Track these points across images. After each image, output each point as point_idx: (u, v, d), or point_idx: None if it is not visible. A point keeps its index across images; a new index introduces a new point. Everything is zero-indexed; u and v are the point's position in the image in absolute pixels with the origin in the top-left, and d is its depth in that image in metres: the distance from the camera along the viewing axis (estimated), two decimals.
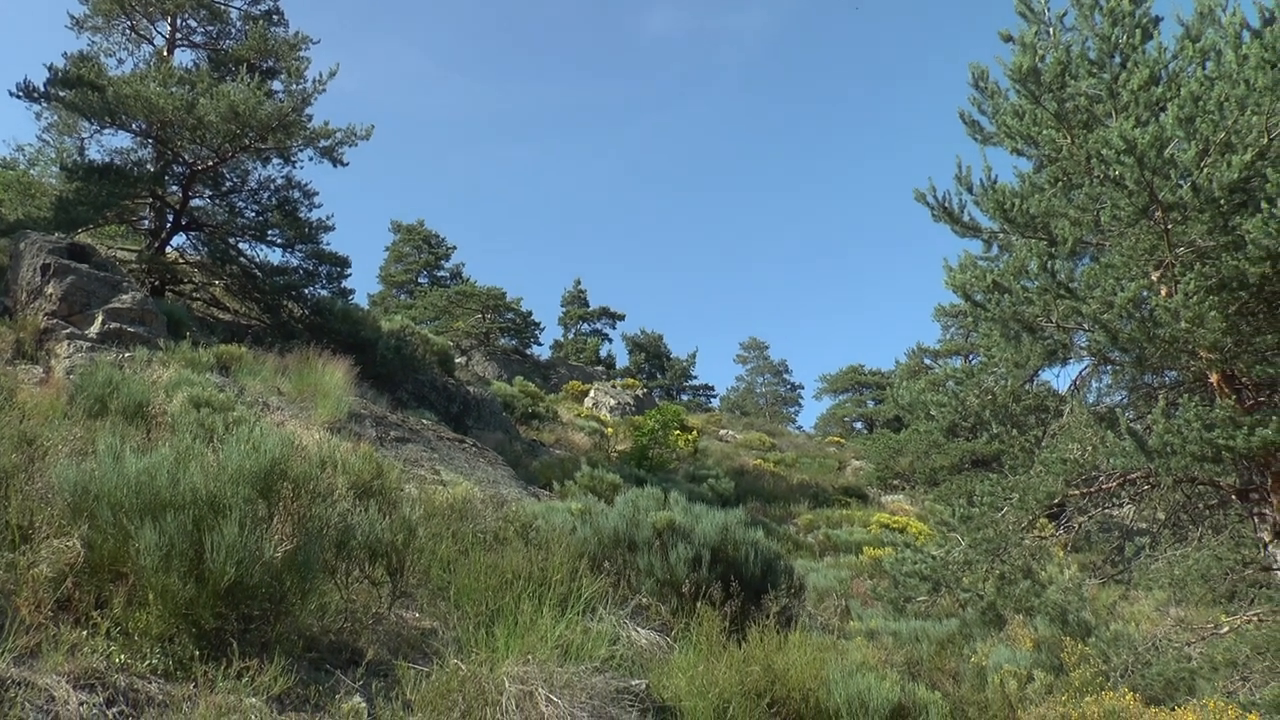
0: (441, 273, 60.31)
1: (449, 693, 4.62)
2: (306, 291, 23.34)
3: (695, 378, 70.41)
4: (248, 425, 8.17)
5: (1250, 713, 7.36)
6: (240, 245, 22.91)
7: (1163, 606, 12.54)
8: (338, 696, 4.79)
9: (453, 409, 23.94)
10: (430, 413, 20.44)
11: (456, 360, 33.25)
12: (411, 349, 24.63)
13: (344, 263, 24.23)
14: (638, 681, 5.73)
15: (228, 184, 23.22)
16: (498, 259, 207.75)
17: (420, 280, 59.53)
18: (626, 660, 6.25)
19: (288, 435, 6.64)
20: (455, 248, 61.02)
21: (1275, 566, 9.06)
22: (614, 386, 45.70)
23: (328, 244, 24.06)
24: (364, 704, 4.76)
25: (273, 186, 23.43)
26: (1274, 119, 8.15)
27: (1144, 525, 12.34)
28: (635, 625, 7.67)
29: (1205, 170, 8.15)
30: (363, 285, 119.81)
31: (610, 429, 34.30)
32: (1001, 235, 10.81)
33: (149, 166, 21.74)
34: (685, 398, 65.84)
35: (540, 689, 4.74)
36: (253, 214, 23.26)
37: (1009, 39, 10.30)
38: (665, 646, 7.44)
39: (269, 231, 23.08)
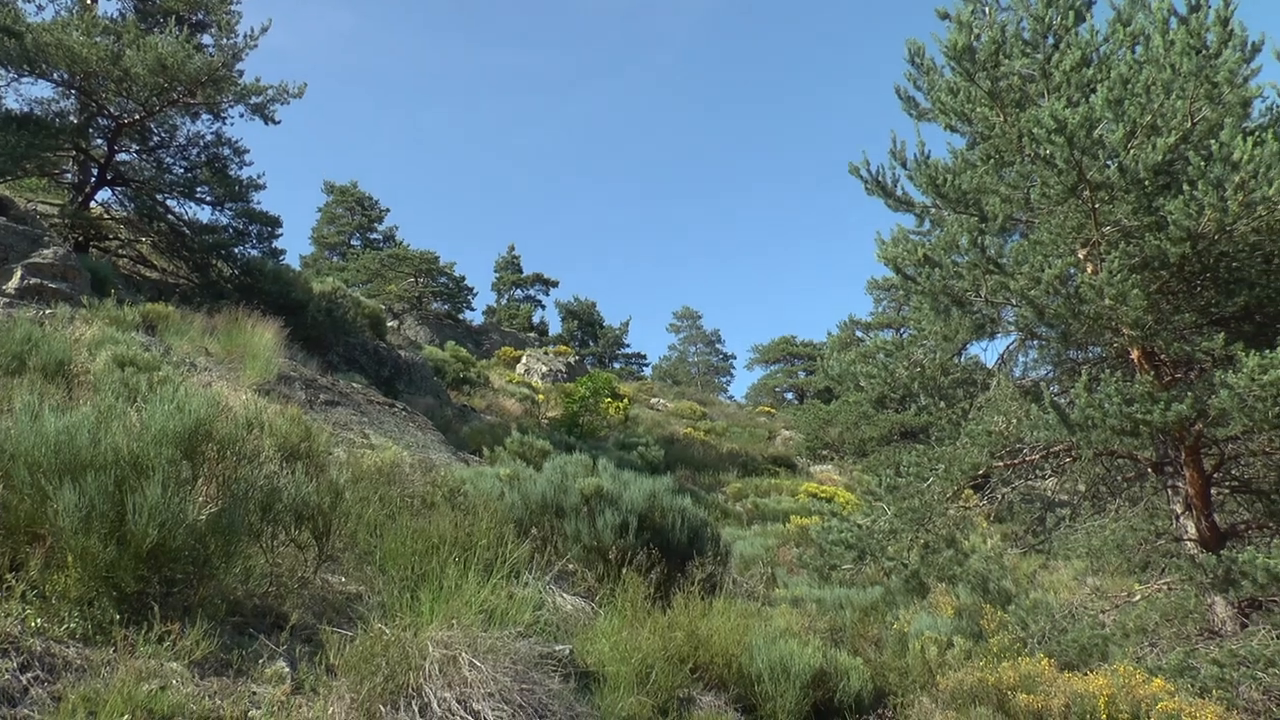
0: (375, 235, 59.52)
1: (373, 657, 4.60)
2: (236, 251, 22.84)
3: (628, 346, 70.59)
4: (173, 385, 8.03)
5: (1156, 677, 7.61)
6: (168, 202, 22.32)
7: (1080, 576, 12.89)
8: (261, 661, 4.76)
9: (384, 373, 23.74)
10: (361, 376, 20.25)
11: (388, 324, 32.95)
12: (343, 311, 24.32)
13: (275, 223, 23.79)
14: (562, 647, 5.76)
15: (155, 139, 22.59)
16: (432, 223, 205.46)
17: (353, 242, 58.68)
18: (551, 626, 6.29)
19: (214, 396, 6.52)
20: (389, 210, 60.44)
21: (1185, 537, 9.36)
22: (546, 353, 45.58)
23: (258, 203, 23.58)
24: (287, 668, 4.74)
25: (202, 143, 22.84)
26: (1197, 104, 8.36)
27: (1065, 497, 12.67)
28: (561, 591, 7.72)
29: (1132, 152, 8.33)
30: (294, 246, 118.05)
31: (542, 395, 34.25)
32: (934, 210, 10.95)
33: (72, 118, 21.05)
34: (617, 366, 65.93)
35: (464, 654, 4.74)
36: (181, 170, 22.68)
37: (946, 16, 10.41)
38: (590, 612, 7.49)
39: (198, 189, 22.51)
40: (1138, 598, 9.87)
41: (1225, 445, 9.29)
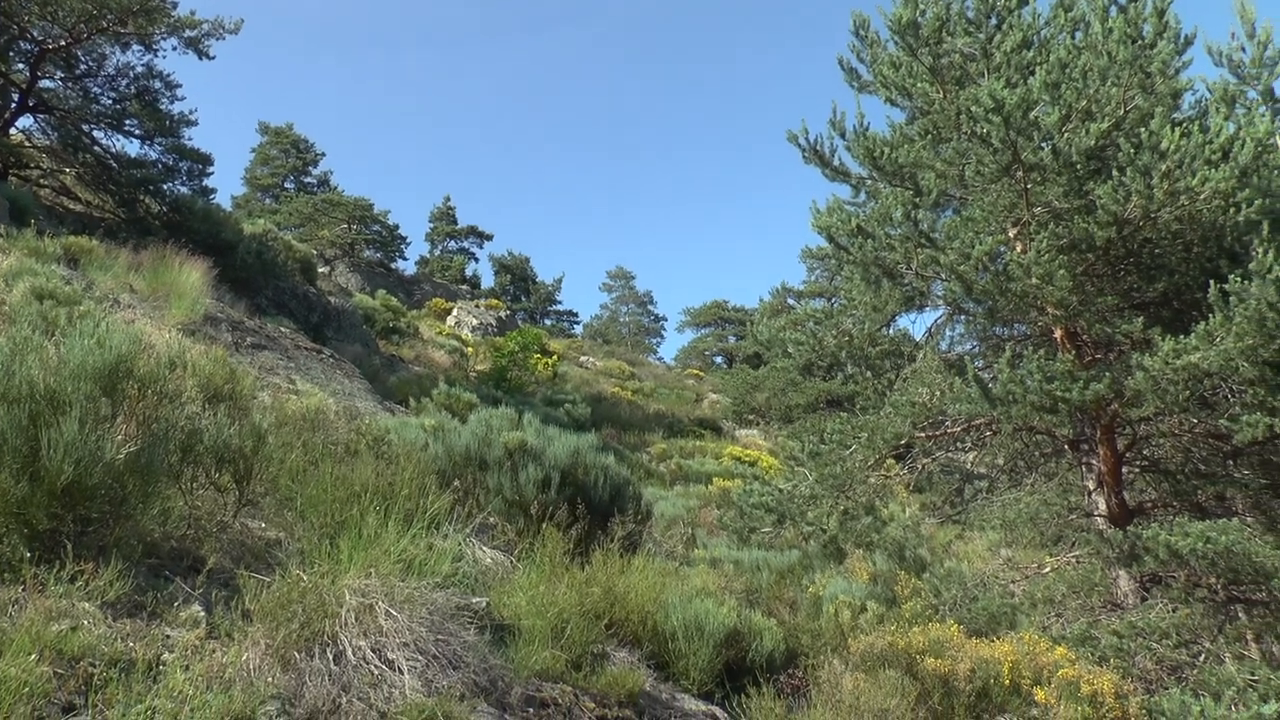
0: (309, 179, 58.34)
1: (289, 603, 4.56)
2: (165, 187, 22.26)
3: (560, 303, 70.43)
4: (94, 320, 7.84)
5: (1059, 645, 7.85)
6: (95, 133, 21.65)
7: (995, 547, 13.22)
8: (176, 604, 4.70)
9: (312, 318, 23.41)
10: (289, 321, 19.94)
11: (319, 270, 32.46)
12: (274, 255, 23.89)
13: (206, 160, 23.25)
14: (479, 599, 5.77)
15: (82, 67, 21.83)
16: (367, 170, 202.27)
17: (286, 185, 57.47)
18: (469, 578, 6.28)
19: (137, 333, 6.37)
20: (324, 154, 59.24)
21: (1096, 513, 9.62)
22: (478, 306, 45.31)
23: (189, 139, 23.02)
24: (203, 612, 4.68)
25: (132, 74, 22.14)
26: (1131, 92, 8.51)
27: (983, 470, 12.94)
28: (481, 544, 7.72)
29: (1066, 135, 8.46)
30: (226, 186, 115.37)
31: (471, 349, 34.07)
32: (870, 182, 11.04)
33: None
34: (549, 322, 65.73)
35: (381, 603, 4.73)
36: (109, 101, 22.00)
37: None
38: (509, 566, 7.50)
39: (126, 121, 21.88)
40: (1047, 569, 10.14)
41: (1138, 426, 9.54)
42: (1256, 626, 8.88)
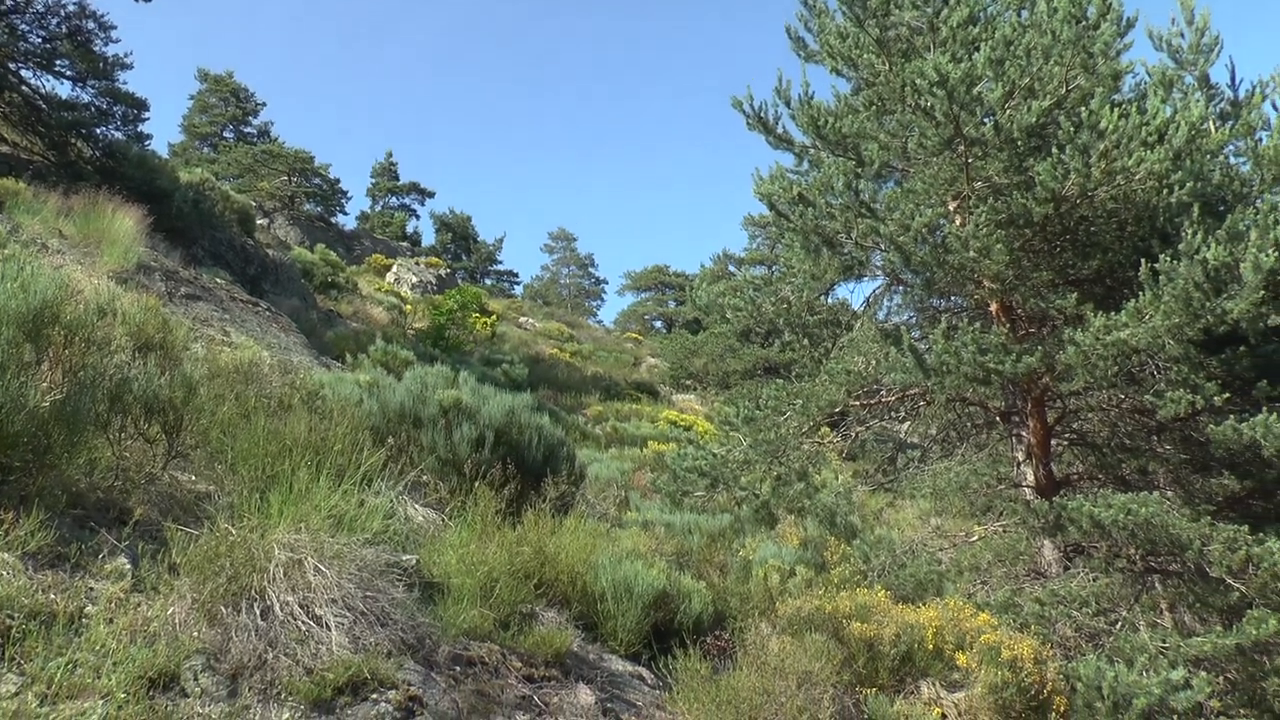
0: (249, 129, 57.02)
1: (217, 557, 4.50)
2: (98, 132, 21.60)
3: (501, 263, 69.94)
4: (19, 264, 7.63)
5: (983, 612, 8.02)
6: (22, 72, 20.95)
7: (925, 515, 13.42)
8: (101, 556, 4.61)
9: (250, 271, 23.02)
10: (225, 272, 19.56)
11: (258, 222, 31.90)
12: (211, 204, 23.39)
13: (142, 105, 22.59)
14: (409, 557, 5.75)
15: (8, 3, 21.13)
16: (309, 123, 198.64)
17: (225, 135, 56.12)
18: (400, 535, 6.24)
19: (64, 279, 6.22)
20: (265, 104, 57.78)
21: (1024, 484, 9.81)
22: (418, 264, 44.90)
23: (124, 83, 22.26)
24: (128, 565, 4.61)
25: (63, 12, 21.34)
26: (1073, 72, 8.60)
27: (916, 440, 13.12)
28: (413, 502, 7.68)
29: (1008, 111, 8.54)
30: (163, 133, 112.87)
31: (410, 306, 33.78)
32: (813, 151, 11.04)
33: None
34: (489, 282, 65.27)
35: (310, 558, 4.69)
36: (38, 40, 21.21)
37: None
38: (441, 524, 7.47)
39: (57, 61, 21.15)
40: (975, 538, 10.33)
41: (1068, 399, 9.73)
42: (1170, 596, 9.15)
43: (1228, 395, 7.92)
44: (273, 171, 47.09)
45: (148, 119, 23.33)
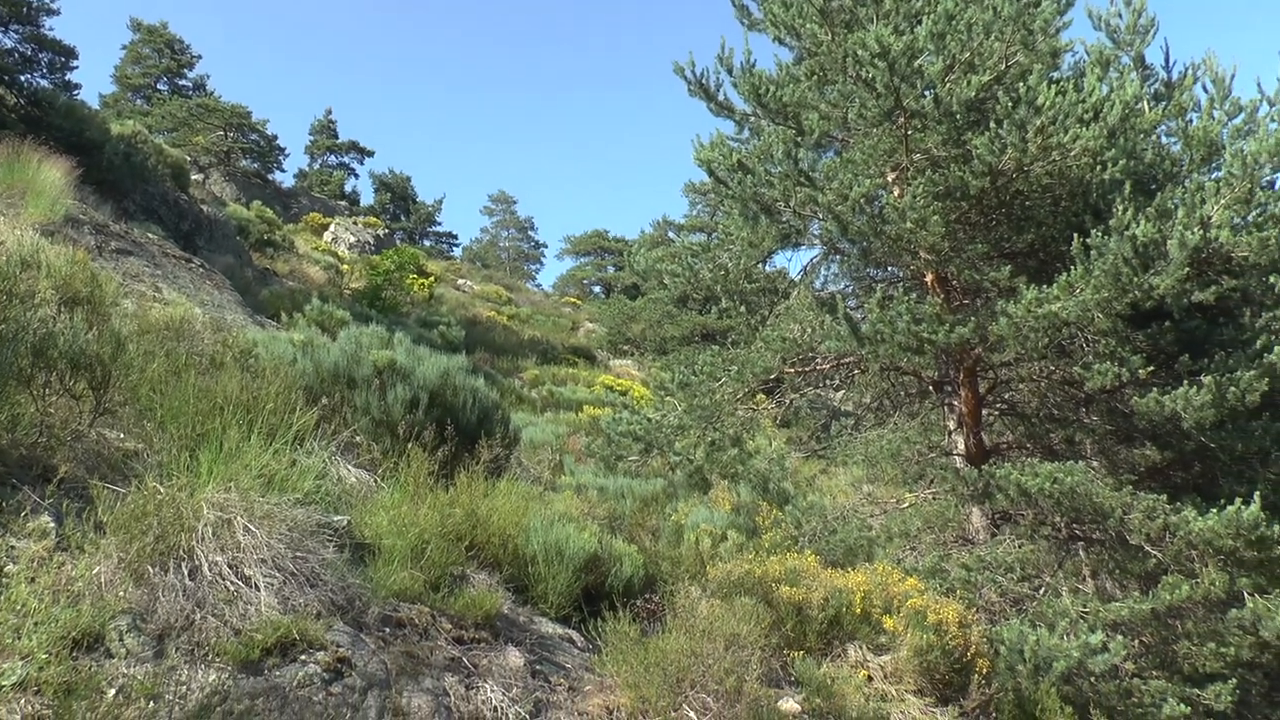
0: (184, 82, 55.38)
1: (145, 516, 4.42)
2: (23, 79, 20.94)
3: (440, 224, 69.35)
4: None
5: (910, 577, 8.17)
6: None
7: (857, 482, 13.57)
8: (23, 514, 4.50)
9: (183, 226, 22.52)
10: (158, 228, 19.09)
11: (193, 177, 31.22)
12: (143, 158, 22.79)
13: (69, 53, 21.93)
14: (340, 518, 5.70)
15: None
16: (246, 77, 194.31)
17: (159, 87, 54.51)
18: (332, 496, 6.17)
19: None
20: (200, 57, 56.21)
21: (955, 452, 9.98)
22: (355, 223, 44.37)
23: (50, 29, 21.59)
24: (52, 523, 4.51)
25: None
26: (1013, 48, 8.69)
27: (850, 408, 13.26)
28: (346, 462, 7.59)
29: (948, 85, 8.60)
30: (93, 84, 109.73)
31: (347, 266, 33.37)
32: (754, 119, 11.06)
33: None
34: (427, 243, 64.59)
35: (239, 518, 4.64)
36: None
37: None
38: (373, 485, 7.41)
39: None
40: (906, 505, 10.50)
41: (999, 370, 9.89)
42: (1093, 563, 9.40)
43: (1152, 369, 8.12)
44: (208, 126, 46.01)
45: (76, 68, 22.69)
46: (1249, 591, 7.72)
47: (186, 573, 4.38)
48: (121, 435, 6.17)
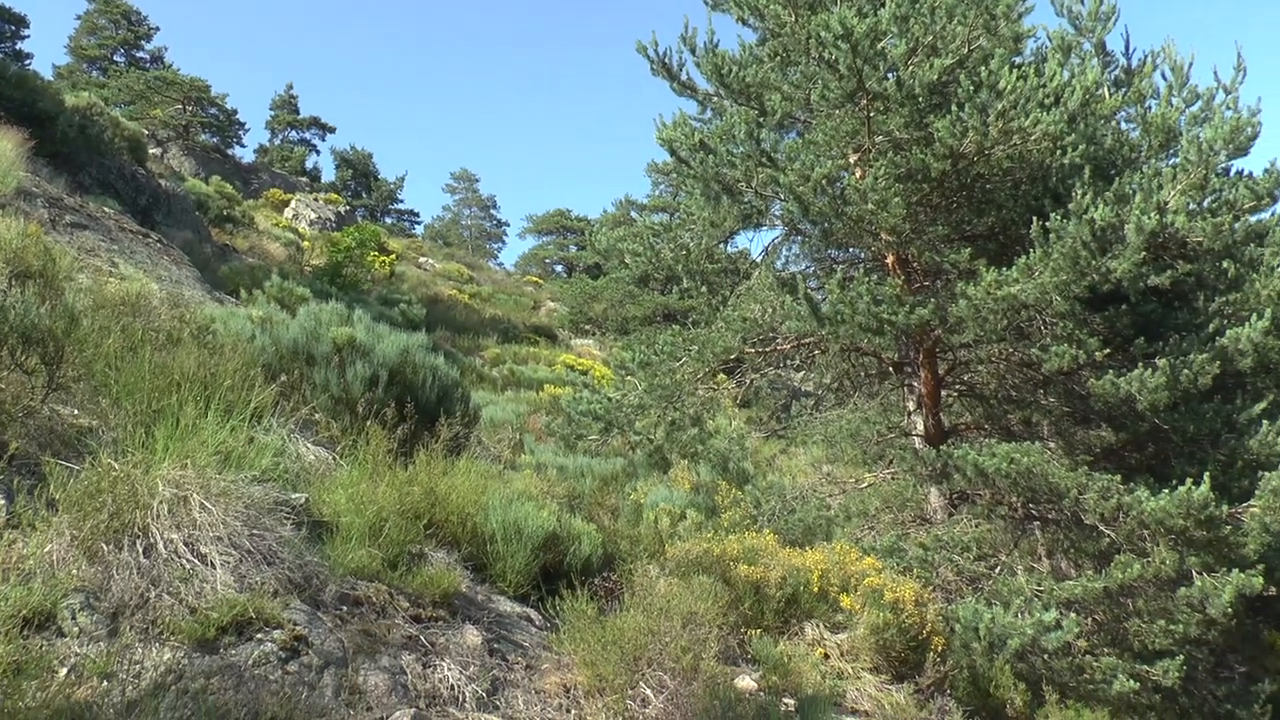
0: (141, 54, 54.43)
1: (98, 493, 4.36)
2: None
3: (402, 202, 68.69)
4: None
5: (868, 555, 8.24)
6: None
7: (817, 462, 13.68)
8: None
9: (140, 201, 22.16)
10: (114, 202, 18.77)
11: (150, 151, 30.74)
12: (99, 130, 22.38)
13: (20, 22, 21.63)
14: (298, 495, 5.65)
15: None
16: (206, 49, 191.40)
17: (116, 59, 53.53)
18: (290, 473, 6.12)
19: None
20: (158, 29, 55.47)
21: (914, 433, 10.06)
22: (316, 200, 43.87)
23: None
24: (3, 500, 4.43)
25: None
26: (975, 32, 8.73)
27: (810, 388, 13.34)
28: (304, 440, 7.52)
29: (910, 68, 8.63)
30: (46, 54, 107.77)
31: (308, 243, 33.04)
32: (716, 99, 11.04)
33: None
34: (389, 221, 64.06)
35: (196, 495, 4.58)
36: None
37: None
38: (331, 463, 7.35)
39: None
40: (865, 485, 10.59)
41: (959, 351, 9.98)
42: (1048, 542, 9.53)
43: (1108, 351, 8.23)
44: (166, 99, 45.25)
45: (28, 36, 22.38)
46: (1197, 570, 7.87)
47: (141, 550, 4.33)
48: (75, 411, 6.08)
